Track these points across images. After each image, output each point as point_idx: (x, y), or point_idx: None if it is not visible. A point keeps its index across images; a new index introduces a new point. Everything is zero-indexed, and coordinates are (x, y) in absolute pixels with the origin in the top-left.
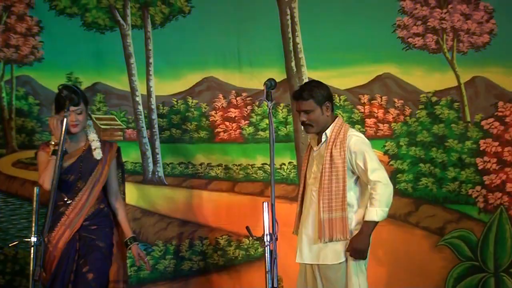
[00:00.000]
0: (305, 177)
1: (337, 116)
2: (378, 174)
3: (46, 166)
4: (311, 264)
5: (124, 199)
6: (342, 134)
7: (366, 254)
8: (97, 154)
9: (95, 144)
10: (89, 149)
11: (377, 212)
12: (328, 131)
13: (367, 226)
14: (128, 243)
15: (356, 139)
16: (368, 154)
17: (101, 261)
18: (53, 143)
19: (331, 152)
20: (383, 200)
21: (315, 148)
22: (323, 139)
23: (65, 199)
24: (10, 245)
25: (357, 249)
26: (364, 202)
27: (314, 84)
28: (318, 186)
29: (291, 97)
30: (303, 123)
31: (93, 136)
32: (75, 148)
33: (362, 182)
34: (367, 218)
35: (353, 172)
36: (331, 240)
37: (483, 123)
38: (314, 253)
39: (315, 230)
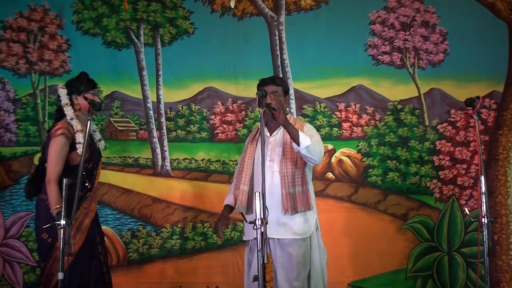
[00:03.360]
0: (253, 160)
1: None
2: (315, 140)
3: (63, 161)
4: (272, 239)
5: None
6: (298, 124)
7: (278, 113)
8: (102, 145)
9: (99, 135)
10: (91, 139)
11: (306, 139)
12: None
13: (290, 124)
14: None
15: (309, 125)
16: (313, 134)
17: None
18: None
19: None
20: (314, 145)
21: (270, 135)
22: (281, 127)
23: (86, 184)
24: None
25: (277, 107)
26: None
27: (281, 78)
28: (280, 166)
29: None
30: (268, 106)
31: (94, 127)
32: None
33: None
34: (300, 133)
35: None
36: (296, 212)
37: (439, 127)
38: (279, 228)
39: (278, 205)
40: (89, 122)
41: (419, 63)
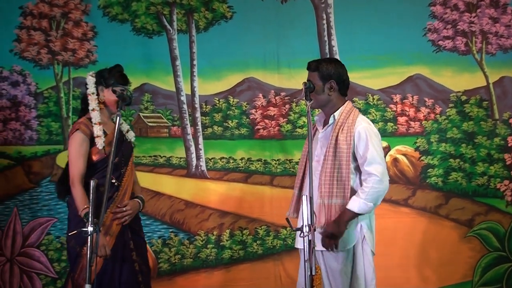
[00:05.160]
0: (306, 159)
1: (347, 101)
2: (375, 168)
3: (83, 159)
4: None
5: None
6: (351, 119)
7: (336, 242)
8: (131, 135)
9: (126, 126)
10: (119, 132)
11: (359, 204)
12: (336, 114)
13: (345, 214)
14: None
15: (365, 126)
16: (372, 144)
17: (146, 252)
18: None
19: (337, 136)
20: (371, 194)
21: (320, 130)
22: (330, 121)
23: (113, 181)
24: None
25: (328, 233)
26: None
27: (325, 59)
28: (320, 170)
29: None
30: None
31: (121, 119)
32: (110, 131)
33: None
34: (348, 207)
35: (356, 159)
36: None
37: (511, 120)
38: (317, 238)
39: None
40: (118, 117)
41: (488, 49)
